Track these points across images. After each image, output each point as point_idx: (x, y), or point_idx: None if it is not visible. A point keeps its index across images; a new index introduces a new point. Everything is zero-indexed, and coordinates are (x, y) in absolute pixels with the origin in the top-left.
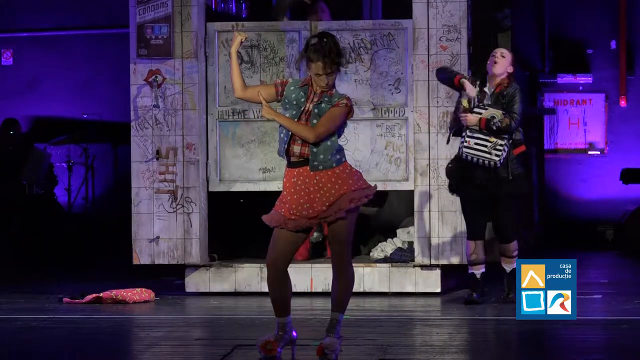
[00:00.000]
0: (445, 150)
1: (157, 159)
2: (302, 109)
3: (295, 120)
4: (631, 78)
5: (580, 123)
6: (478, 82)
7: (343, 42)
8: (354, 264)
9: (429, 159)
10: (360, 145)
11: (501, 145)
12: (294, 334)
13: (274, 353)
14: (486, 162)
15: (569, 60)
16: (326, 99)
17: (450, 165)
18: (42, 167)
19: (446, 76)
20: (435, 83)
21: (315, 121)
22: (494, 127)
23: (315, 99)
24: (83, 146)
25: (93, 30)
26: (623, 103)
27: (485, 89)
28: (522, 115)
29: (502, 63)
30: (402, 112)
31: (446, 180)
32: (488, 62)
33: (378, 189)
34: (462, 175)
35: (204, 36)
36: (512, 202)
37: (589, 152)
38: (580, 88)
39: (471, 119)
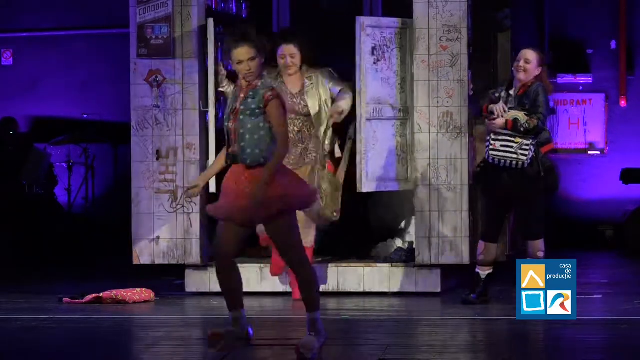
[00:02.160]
0: (446, 150)
1: (157, 159)
2: (230, 108)
3: (226, 122)
4: (631, 78)
5: (580, 123)
6: (504, 89)
7: None
8: (354, 264)
9: (429, 159)
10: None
11: (527, 145)
12: (250, 331)
13: (215, 349)
14: (513, 163)
15: (568, 60)
16: (251, 93)
17: (478, 169)
18: (42, 167)
19: (476, 110)
20: (435, 83)
21: (242, 117)
22: (522, 129)
23: (242, 95)
24: (83, 146)
25: (93, 30)
26: (623, 103)
27: (511, 92)
28: (549, 112)
29: (527, 70)
30: None
31: (446, 180)
32: (513, 67)
33: (378, 189)
34: (489, 179)
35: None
36: (541, 198)
37: (589, 152)
38: (580, 88)
39: (499, 122)
